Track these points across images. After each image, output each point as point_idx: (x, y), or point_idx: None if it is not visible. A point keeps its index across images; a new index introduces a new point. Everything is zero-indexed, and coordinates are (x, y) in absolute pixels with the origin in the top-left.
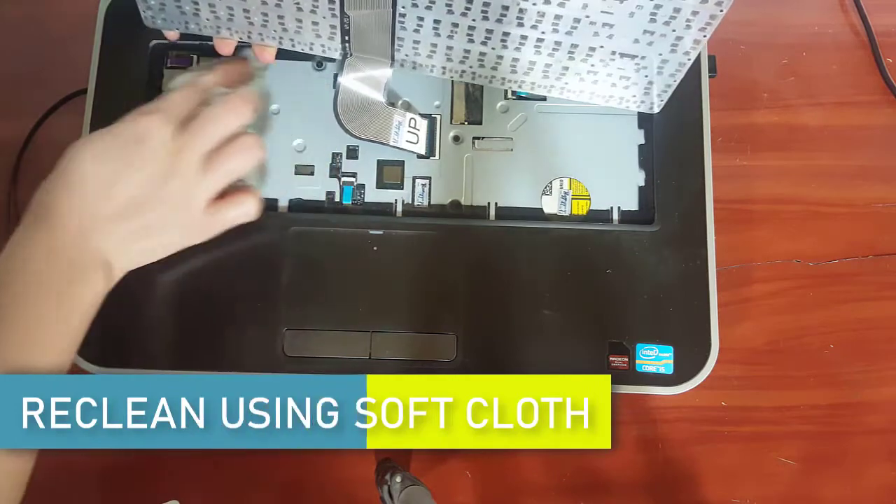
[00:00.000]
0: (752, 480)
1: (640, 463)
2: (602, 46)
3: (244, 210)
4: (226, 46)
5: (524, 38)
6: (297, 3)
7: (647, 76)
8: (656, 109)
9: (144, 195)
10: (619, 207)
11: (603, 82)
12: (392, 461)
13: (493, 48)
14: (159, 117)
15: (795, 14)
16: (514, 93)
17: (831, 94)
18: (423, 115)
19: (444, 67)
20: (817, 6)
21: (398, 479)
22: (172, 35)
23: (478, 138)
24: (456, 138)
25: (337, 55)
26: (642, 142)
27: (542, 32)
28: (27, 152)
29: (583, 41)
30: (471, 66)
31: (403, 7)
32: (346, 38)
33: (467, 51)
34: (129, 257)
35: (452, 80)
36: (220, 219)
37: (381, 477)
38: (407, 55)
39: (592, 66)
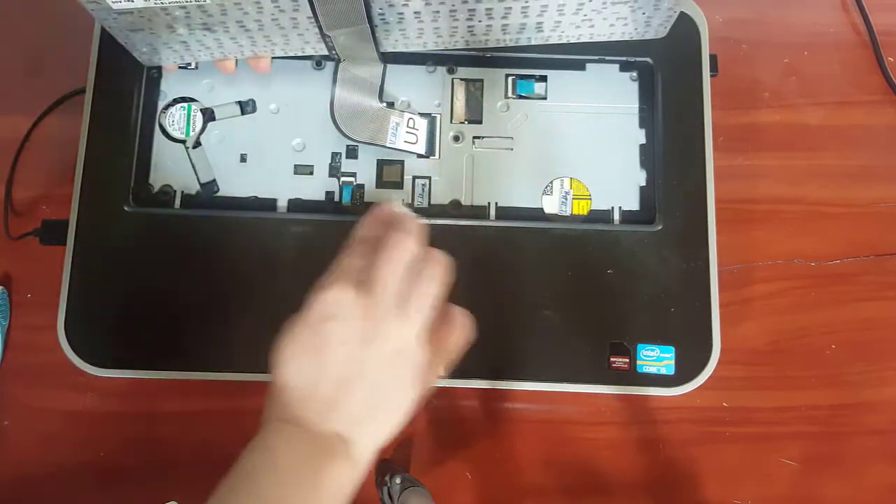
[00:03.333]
0: (754, 481)
1: (641, 464)
2: (591, 0)
3: (463, 327)
4: (226, 67)
5: (508, 9)
6: (280, 25)
7: (644, 13)
8: (662, 34)
9: (355, 366)
10: (620, 207)
11: (600, 25)
12: (392, 462)
13: (479, 21)
14: (337, 286)
15: (797, 13)
16: (514, 91)
17: (833, 94)
18: (422, 115)
19: (435, 43)
20: (819, 6)
21: (398, 480)
22: (171, 67)
23: (478, 137)
24: (456, 137)
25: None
26: (643, 141)
27: (526, 1)
28: (25, 151)
29: (570, 0)
30: (462, 37)
31: (381, 9)
32: (334, 51)
33: (455, 27)
34: (368, 434)
35: (453, 80)
36: (445, 349)
37: (380, 478)
38: (397, 40)
39: (586, 16)
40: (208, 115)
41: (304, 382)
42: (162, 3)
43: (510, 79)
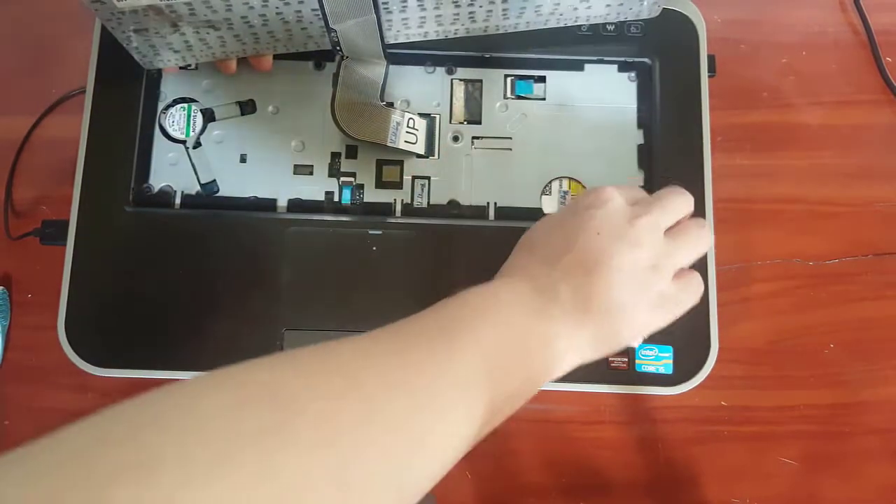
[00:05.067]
0: (753, 480)
1: (640, 463)
2: None
3: (700, 285)
4: (227, 67)
5: None
6: (284, 20)
7: None
8: (655, 13)
9: (603, 256)
10: None
11: (597, 6)
12: None
13: (480, 6)
14: (613, 189)
15: (795, 13)
16: (513, 92)
17: (831, 94)
18: (422, 115)
19: (436, 32)
20: (817, 5)
21: None
22: (172, 69)
23: (477, 138)
24: (455, 138)
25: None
26: (642, 141)
27: None
28: (25, 151)
29: None
30: (462, 24)
31: (385, 2)
32: (338, 47)
33: (456, 14)
34: (584, 330)
35: (452, 81)
36: (689, 290)
37: None
38: (399, 31)
39: None
40: (208, 115)
41: (549, 252)
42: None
43: (509, 79)
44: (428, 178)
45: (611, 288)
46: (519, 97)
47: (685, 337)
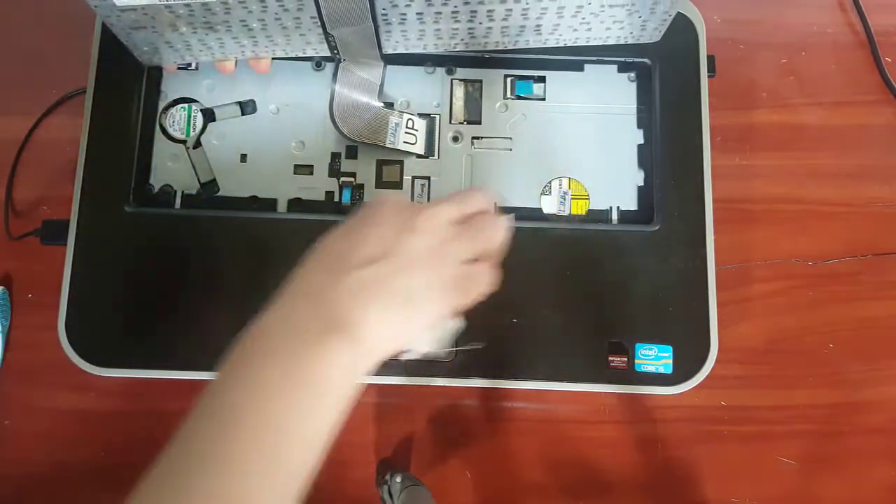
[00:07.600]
0: (752, 480)
1: (639, 463)
2: (590, 3)
3: (488, 274)
4: (225, 67)
5: (509, 11)
6: (283, 25)
7: (640, 17)
8: (656, 38)
9: (385, 246)
10: (618, 207)
11: (597, 28)
12: (392, 461)
13: (480, 23)
14: (391, 195)
15: (794, 14)
16: (513, 92)
17: (830, 94)
18: (422, 115)
19: (435, 45)
20: (816, 6)
21: (398, 479)
22: (171, 68)
23: (477, 138)
24: (455, 138)
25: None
26: (641, 141)
27: (527, 3)
28: (25, 151)
29: (569, 2)
30: (462, 39)
31: (384, 9)
32: (336, 51)
33: (455, 29)
34: (378, 320)
35: (452, 81)
36: (475, 276)
37: (381, 477)
38: (398, 41)
39: (584, 19)
40: (208, 115)
41: (337, 250)
42: (166, 0)
43: (509, 79)
44: (428, 178)
45: (400, 274)
46: (519, 97)
47: (685, 337)
